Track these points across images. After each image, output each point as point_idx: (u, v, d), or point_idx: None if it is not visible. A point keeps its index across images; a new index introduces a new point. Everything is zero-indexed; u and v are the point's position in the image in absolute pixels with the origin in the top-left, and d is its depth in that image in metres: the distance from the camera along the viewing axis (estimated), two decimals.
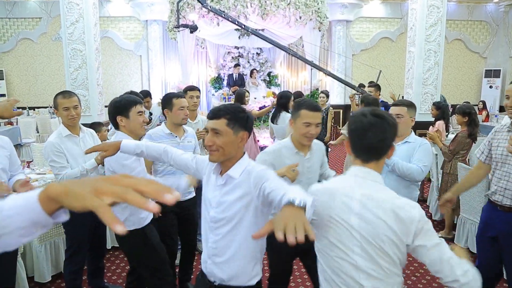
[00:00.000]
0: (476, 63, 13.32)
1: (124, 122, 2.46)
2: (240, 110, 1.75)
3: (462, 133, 4.31)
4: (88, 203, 0.67)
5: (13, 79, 12.07)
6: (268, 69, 11.93)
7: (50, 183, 0.75)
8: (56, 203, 0.73)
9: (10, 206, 0.75)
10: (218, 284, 1.80)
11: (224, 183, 1.75)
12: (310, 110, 2.26)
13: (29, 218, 0.74)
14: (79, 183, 0.71)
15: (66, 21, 6.65)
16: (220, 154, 1.71)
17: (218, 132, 1.68)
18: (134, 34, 12.24)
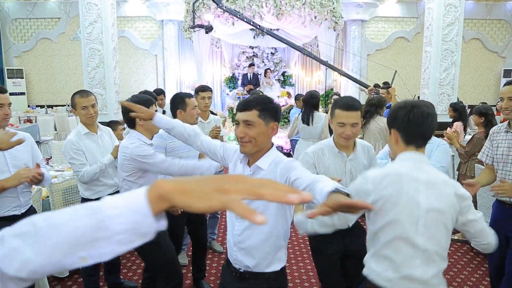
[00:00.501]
0: (494, 63, 13.09)
1: (142, 121, 2.46)
2: (269, 101, 1.78)
3: (478, 135, 4.26)
4: (215, 202, 0.61)
5: (32, 78, 12.32)
6: (282, 68, 11.94)
7: (158, 180, 0.66)
8: (166, 202, 0.64)
9: (111, 206, 0.65)
10: (244, 271, 1.84)
11: (252, 173, 1.79)
12: (344, 110, 2.13)
13: (133, 220, 0.63)
14: (195, 181, 0.65)
15: (85, 21, 6.78)
16: (252, 145, 1.74)
17: (250, 123, 1.71)
18: (150, 34, 12.38)
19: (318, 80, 11.95)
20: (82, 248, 0.63)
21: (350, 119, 2.13)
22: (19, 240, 0.65)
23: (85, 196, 2.93)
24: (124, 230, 0.63)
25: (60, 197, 3.42)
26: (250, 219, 0.59)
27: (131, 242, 0.64)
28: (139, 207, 0.63)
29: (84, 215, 0.64)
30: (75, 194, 3.51)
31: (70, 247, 0.63)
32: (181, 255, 3.91)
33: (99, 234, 0.63)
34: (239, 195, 0.62)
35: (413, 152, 1.66)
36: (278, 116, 1.81)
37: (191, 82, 10.69)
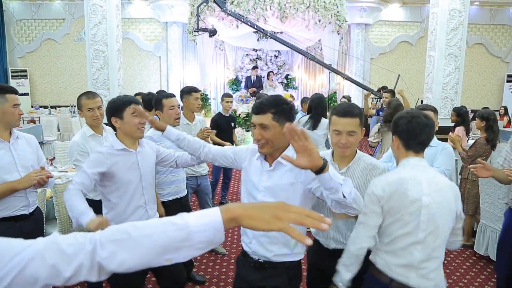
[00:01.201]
0: (498, 68, 13.08)
1: (119, 123, 2.27)
2: (283, 102, 1.80)
3: (481, 139, 4.26)
4: (273, 226, 0.87)
5: (36, 78, 12.38)
6: (286, 71, 11.96)
7: (230, 206, 0.90)
8: (235, 222, 0.89)
9: (195, 223, 0.87)
10: (263, 261, 1.90)
11: (273, 169, 1.84)
12: (340, 116, 1.93)
13: (211, 235, 0.87)
14: (257, 208, 0.90)
15: (90, 22, 6.81)
16: (269, 147, 1.80)
17: (265, 126, 1.76)
18: (154, 36, 12.42)
19: (321, 83, 11.96)
20: (169, 253, 0.87)
21: (346, 126, 1.92)
22: (116, 245, 0.85)
23: (90, 197, 2.92)
24: (204, 241, 0.87)
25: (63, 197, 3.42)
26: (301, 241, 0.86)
27: (205, 248, 0.88)
28: (218, 226, 0.87)
29: (175, 230, 0.87)
30: None
31: (160, 252, 0.86)
32: None
33: (185, 244, 0.86)
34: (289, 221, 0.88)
35: (414, 158, 1.83)
36: (292, 115, 1.84)
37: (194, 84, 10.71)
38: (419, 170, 1.80)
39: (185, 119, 3.76)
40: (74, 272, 0.83)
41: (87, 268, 0.84)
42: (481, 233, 4.08)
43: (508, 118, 9.98)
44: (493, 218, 3.86)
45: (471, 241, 4.38)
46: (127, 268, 0.85)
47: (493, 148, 4.31)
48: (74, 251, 0.83)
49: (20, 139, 2.47)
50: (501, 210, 3.72)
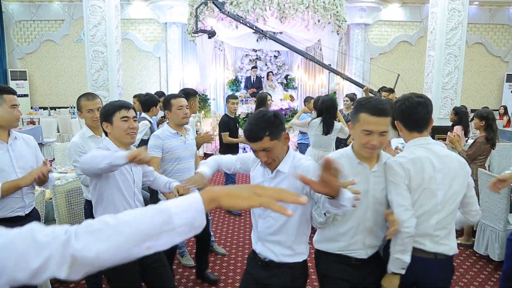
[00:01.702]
0: (497, 68, 13.08)
1: (109, 128, 2.27)
2: (271, 120, 1.83)
3: (480, 139, 4.26)
4: (253, 201, 0.86)
5: (36, 80, 12.37)
6: (285, 72, 11.95)
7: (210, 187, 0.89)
8: (215, 203, 0.87)
9: (175, 205, 0.85)
10: (269, 260, 2.00)
11: (274, 176, 1.94)
12: (373, 115, 1.75)
13: (192, 216, 0.85)
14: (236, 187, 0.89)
15: (89, 23, 6.80)
16: (276, 162, 1.90)
17: (268, 149, 1.83)
18: (154, 36, 12.41)
19: (321, 84, 11.95)
20: (149, 239, 0.83)
21: (379, 126, 1.75)
22: (92, 236, 0.81)
23: (90, 198, 2.92)
24: (185, 223, 0.84)
25: (63, 199, 3.43)
26: (283, 213, 0.85)
27: (187, 233, 0.85)
28: (198, 205, 0.85)
29: (154, 214, 0.84)
30: (78, 196, 3.51)
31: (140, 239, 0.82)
32: (185, 257, 3.93)
33: (165, 228, 0.83)
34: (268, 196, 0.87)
35: (419, 138, 1.96)
36: (283, 123, 1.89)
37: (194, 85, 10.71)
38: (427, 148, 1.93)
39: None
40: (42, 263, 0.77)
41: (56, 260, 0.78)
42: (481, 232, 4.08)
43: (508, 118, 9.99)
44: (492, 218, 3.86)
45: (471, 240, 4.38)
46: (104, 260, 0.81)
47: (492, 147, 4.31)
48: (47, 240, 0.79)
49: (18, 140, 2.47)
50: (501, 210, 3.72)
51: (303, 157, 1.96)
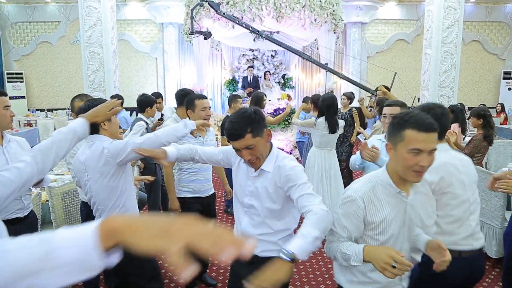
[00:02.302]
0: (494, 65, 13.10)
1: (107, 125, 2.26)
2: (252, 117, 1.80)
3: (477, 136, 4.26)
4: (152, 246, 0.63)
5: (32, 82, 12.34)
6: (282, 71, 11.95)
7: (112, 216, 0.68)
8: (114, 239, 0.65)
9: (62, 237, 0.66)
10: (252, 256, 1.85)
11: (257, 175, 1.91)
12: (420, 131, 1.51)
13: (81, 252, 0.64)
14: (147, 220, 0.66)
15: (85, 24, 6.78)
16: (260, 160, 1.87)
17: (251, 147, 1.79)
18: (150, 37, 12.40)
19: (318, 83, 11.96)
20: (27, 277, 0.64)
21: (429, 143, 1.52)
22: None
23: (86, 199, 2.91)
24: (70, 262, 0.64)
25: (59, 200, 3.41)
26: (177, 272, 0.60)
27: (78, 275, 0.65)
28: (86, 241, 0.64)
29: (35, 244, 0.65)
30: (75, 197, 3.50)
31: (15, 276, 0.64)
32: None
33: (45, 264, 0.64)
34: (181, 242, 0.62)
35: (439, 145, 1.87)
36: (264, 119, 1.86)
37: (191, 85, 10.70)
38: (449, 154, 2.04)
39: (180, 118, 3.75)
40: None
41: None
42: None
43: (505, 115, 10.00)
44: (489, 215, 3.86)
45: None
46: None
47: (490, 144, 4.31)
48: None
49: (12, 142, 2.46)
50: (498, 207, 3.72)
51: (286, 156, 1.93)
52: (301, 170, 1.85)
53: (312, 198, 1.72)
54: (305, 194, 1.74)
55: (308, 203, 1.71)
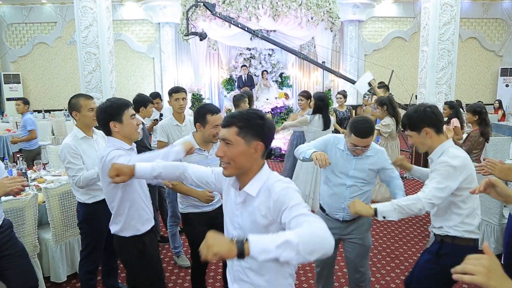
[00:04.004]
0: (491, 62, 13.12)
1: (118, 127, 2.26)
2: (255, 117, 1.54)
3: (474, 132, 4.26)
4: None
5: (29, 83, 12.30)
6: (280, 70, 11.93)
7: None
8: None
9: None
10: None
11: (243, 201, 1.58)
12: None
13: None
14: None
15: (80, 25, 6.75)
16: (232, 168, 1.54)
17: (229, 142, 1.51)
18: (147, 37, 12.37)
19: (315, 81, 11.95)
20: None
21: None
22: None
23: (82, 200, 2.91)
24: None
25: (56, 202, 3.40)
26: None
27: None
28: None
29: None
30: (72, 198, 3.48)
31: None
32: (181, 257, 3.90)
33: None
34: None
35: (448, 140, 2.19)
36: (265, 134, 1.54)
37: (188, 85, 10.68)
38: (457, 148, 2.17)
39: (175, 120, 3.72)
40: None
41: None
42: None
43: (502, 112, 10.01)
44: (487, 212, 3.86)
45: None
46: None
47: (486, 140, 4.32)
48: None
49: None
50: (496, 204, 3.72)
51: (280, 179, 1.54)
52: (294, 190, 1.47)
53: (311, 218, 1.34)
54: (301, 215, 1.36)
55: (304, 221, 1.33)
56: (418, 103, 2.99)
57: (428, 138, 2.15)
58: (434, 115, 2.14)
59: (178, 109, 3.70)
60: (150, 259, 2.38)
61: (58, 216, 3.42)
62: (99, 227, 2.87)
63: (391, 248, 4.26)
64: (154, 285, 2.42)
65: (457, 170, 2.05)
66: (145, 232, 2.37)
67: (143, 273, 2.36)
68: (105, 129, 2.30)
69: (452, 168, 2.05)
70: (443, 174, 2.06)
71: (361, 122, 2.38)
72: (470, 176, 2.10)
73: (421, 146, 2.21)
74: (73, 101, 2.88)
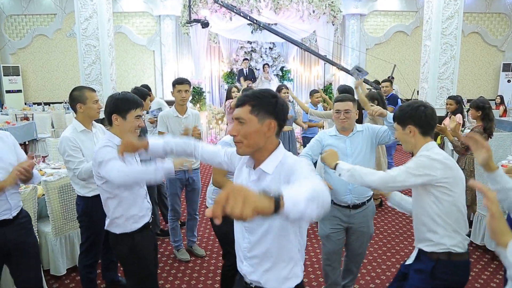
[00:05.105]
0: (493, 57, 13.04)
1: (119, 121, 2.27)
2: (267, 95, 1.55)
3: (477, 128, 4.22)
4: None
5: (29, 75, 12.24)
6: (281, 63, 11.88)
7: None
8: None
9: None
10: (255, 286, 1.66)
11: (257, 179, 1.58)
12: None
13: None
14: None
15: (80, 17, 6.71)
16: (245, 146, 1.55)
17: (242, 120, 1.53)
18: (147, 30, 12.29)
19: (316, 75, 11.89)
20: None
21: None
22: None
23: (82, 194, 2.88)
24: None
25: (56, 194, 3.38)
26: None
27: None
28: None
29: None
30: (72, 191, 3.47)
31: None
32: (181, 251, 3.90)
33: None
34: None
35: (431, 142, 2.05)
36: (278, 112, 1.55)
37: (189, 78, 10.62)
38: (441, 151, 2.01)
39: (176, 112, 3.70)
40: None
41: None
42: (478, 223, 4.06)
43: (504, 107, 9.97)
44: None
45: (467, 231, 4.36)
46: None
47: (490, 136, 4.28)
48: None
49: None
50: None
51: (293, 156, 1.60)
52: (307, 163, 1.53)
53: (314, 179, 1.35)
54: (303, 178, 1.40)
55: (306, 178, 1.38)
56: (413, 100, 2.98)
57: (411, 136, 2.04)
58: (425, 116, 2.01)
59: (180, 101, 3.69)
60: (142, 256, 2.35)
61: (58, 209, 3.41)
62: (99, 220, 2.83)
63: (391, 243, 4.25)
64: (144, 282, 2.39)
65: (437, 162, 1.91)
66: (136, 230, 2.34)
67: (134, 269, 2.35)
68: (108, 118, 2.31)
69: (430, 159, 1.93)
70: (419, 163, 1.95)
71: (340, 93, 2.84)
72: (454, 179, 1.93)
73: (404, 143, 2.12)
74: (77, 93, 2.84)
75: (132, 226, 2.32)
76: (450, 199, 1.93)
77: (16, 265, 2.43)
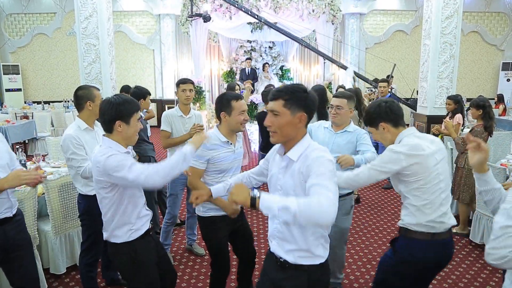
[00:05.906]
0: (493, 56, 13.05)
1: (123, 128, 2.13)
2: (299, 90, 1.75)
3: (478, 127, 4.23)
4: None
5: (29, 74, 12.24)
6: (280, 62, 11.88)
7: None
8: None
9: None
10: (284, 260, 1.82)
11: (285, 165, 1.79)
12: None
13: None
14: None
15: (80, 15, 6.69)
16: (279, 136, 1.76)
17: (276, 113, 1.73)
18: (147, 29, 12.30)
19: (316, 74, 11.90)
20: None
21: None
22: None
23: (83, 192, 2.88)
24: None
25: (56, 193, 3.39)
26: None
27: None
28: None
29: None
30: (72, 190, 3.47)
31: None
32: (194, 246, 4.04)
33: None
34: None
35: (407, 129, 2.16)
36: (308, 105, 1.74)
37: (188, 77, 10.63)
38: (417, 136, 2.12)
39: (180, 111, 3.73)
40: None
41: None
42: (477, 221, 4.08)
43: (503, 106, 9.98)
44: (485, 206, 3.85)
45: (466, 230, 4.38)
46: None
47: (490, 135, 4.29)
48: None
49: None
50: None
51: (318, 148, 1.73)
52: (326, 160, 1.64)
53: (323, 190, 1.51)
54: (318, 185, 1.54)
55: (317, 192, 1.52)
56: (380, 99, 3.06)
57: (386, 132, 2.17)
58: (390, 110, 2.15)
59: (185, 100, 3.72)
60: (142, 265, 2.26)
61: (58, 207, 3.42)
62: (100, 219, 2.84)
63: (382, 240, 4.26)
64: None
65: (401, 154, 2.01)
66: (136, 238, 2.25)
67: (136, 278, 2.26)
68: (108, 126, 2.13)
69: (394, 153, 2.04)
70: (383, 159, 2.08)
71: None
72: (420, 167, 2.01)
73: (383, 141, 2.22)
74: (86, 92, 2.84)
75: (133, 235, 2.23)
76: (416, 184, 2.04)
77: (13, 263, 2.44)
